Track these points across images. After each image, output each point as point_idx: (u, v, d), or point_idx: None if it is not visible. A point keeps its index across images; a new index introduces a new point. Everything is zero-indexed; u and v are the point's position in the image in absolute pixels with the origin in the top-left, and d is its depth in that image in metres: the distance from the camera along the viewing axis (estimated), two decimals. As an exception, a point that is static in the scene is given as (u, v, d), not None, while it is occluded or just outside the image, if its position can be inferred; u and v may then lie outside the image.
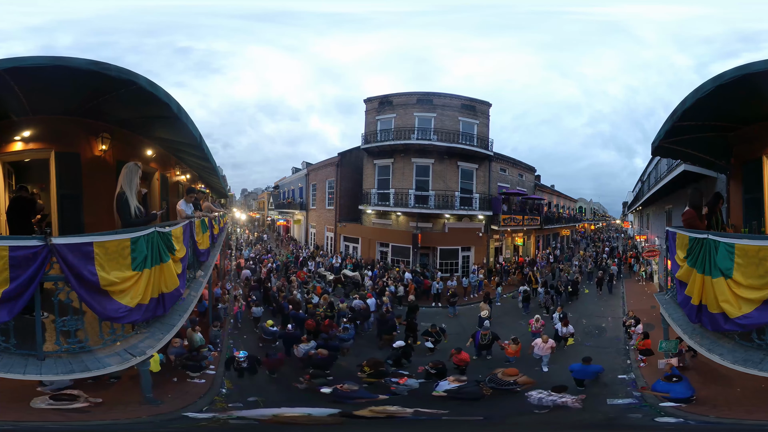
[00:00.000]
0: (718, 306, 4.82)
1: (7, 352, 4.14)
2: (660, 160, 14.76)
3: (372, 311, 12.88)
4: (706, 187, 9.25)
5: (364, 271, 18.06)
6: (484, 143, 20.46)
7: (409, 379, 8.18)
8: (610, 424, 6.21)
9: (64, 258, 4.17)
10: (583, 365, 8.24)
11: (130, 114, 6.77)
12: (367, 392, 7.61)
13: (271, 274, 17.78)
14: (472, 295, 17.35)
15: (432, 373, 8.65)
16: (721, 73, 5.07)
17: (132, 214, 5.08)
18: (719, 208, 6.53)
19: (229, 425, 5.96)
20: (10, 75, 4.70)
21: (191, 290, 6.67)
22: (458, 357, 9.13)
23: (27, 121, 6.25)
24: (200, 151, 8.29)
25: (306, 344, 9.46)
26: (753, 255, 4.54)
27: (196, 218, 7.67)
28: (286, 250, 26.07)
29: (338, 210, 22.71)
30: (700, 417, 5.57)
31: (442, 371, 8.68)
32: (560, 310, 12.48)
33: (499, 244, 21.63)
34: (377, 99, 21.05)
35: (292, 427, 5.96)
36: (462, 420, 6.53)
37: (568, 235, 32.03)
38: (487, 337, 10.61)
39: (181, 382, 6.93)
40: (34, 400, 4.90)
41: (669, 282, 7.21)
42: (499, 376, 7.94)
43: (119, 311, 4.52)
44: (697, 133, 7.01)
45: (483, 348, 10.56)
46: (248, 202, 51.99)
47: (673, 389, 6.31)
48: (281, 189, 35.50)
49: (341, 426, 6.17)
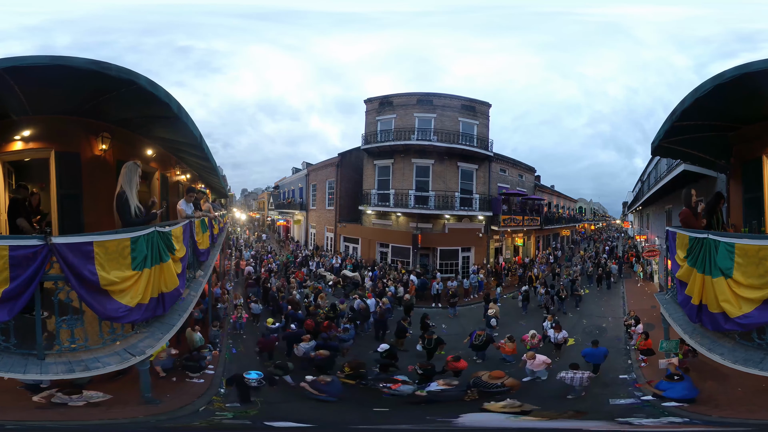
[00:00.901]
0: (719, 306, 4.82)
1: (8, 351, 4.14)
2: (660, 160, 14.78)
3: (372, 311, 12.88)
4: (707, 186, 9.25)
5: (364, 271, 18.07)
6: (484, 144, 20.47)
7: (403, 386, 7.93)
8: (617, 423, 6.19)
9: (64, 257, 4.16)
10: (593, 348, 9.05)
11: (130, 113, 6.77)
12: (339, 388, 7.46)
13: (271, 275, 17.80)
14: (472, 296, 17.36)
15: (419, 373, 8.48)
16: (721, 72, 5.08)
17: (132, 213, 5.08)
18: (720, 208, 6.52)
19: (222, 425, 5.95)
20: (10, 74, 4.69)
21: (191, 290, 6.68)
22: (454, 365, 8.78)
23: (27, 121, 6.24)
24: (200, 151, 8.29)
25: (306, 343, 9.46)
26: (753, 255, 4.54)
27: (196, 218, 7.67)
28: (286, 251, 26.08)
29: (338, 210, 22.71)
30: (704, 417, 5.57)
31: (431, 372, 8.52)
32: (551, 319, 11.77)
33: (499, 245, 21.63)
34: (377, 99, 21.06)
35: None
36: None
37: (568, 236, 32.04)
38: (481, 338, 10.37)
39: (180, 381, 6.93)
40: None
41: (669, 282, 7.21)
42: (484, 378, 7.74)
43: (119, 311, 4.52)
44: (696, 132, 7.02)
45: (476, 348, 10.33)
46: (248, 202, 52.02)
47: (673, 388, 6.30)
48: (281, 189, 35.52)
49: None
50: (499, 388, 7.56)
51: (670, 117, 6.12)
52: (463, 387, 7.81)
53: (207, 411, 6.12)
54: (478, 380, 7.77)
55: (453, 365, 8.78)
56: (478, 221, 20.07)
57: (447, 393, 7.58)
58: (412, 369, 8.78)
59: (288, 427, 5.85)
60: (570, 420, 6.63)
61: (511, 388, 7.61)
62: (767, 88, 5.21)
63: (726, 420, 5.35)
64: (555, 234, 28.74)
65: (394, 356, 9.37)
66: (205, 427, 5.70)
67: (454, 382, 8.03)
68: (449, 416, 6.70)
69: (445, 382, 7.98)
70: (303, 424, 6.01)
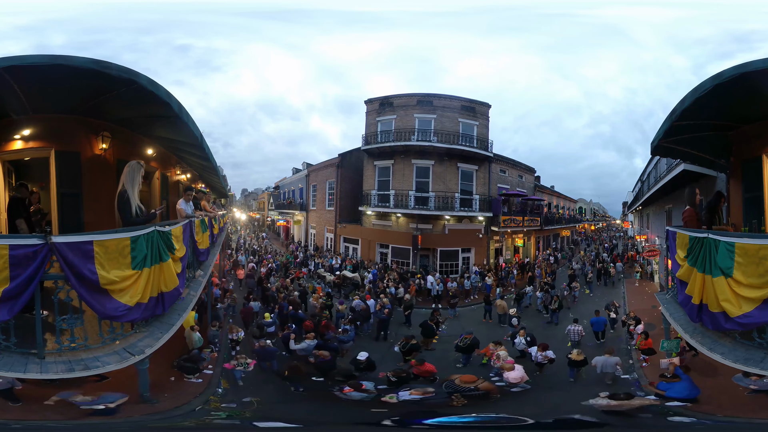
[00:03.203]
0: (719, 305, 4.81)
1: (8, 350, 4.13)
2: (659, 160, 14.77)
3: (372, 312, 12.87)
4: (706, 186, 9.24)
5: (363, 272, 18.06)
6: (483, 144, 20.49)
7: (355, 391, 7.58)
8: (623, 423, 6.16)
9: (64, 257, 4.16)
10: (596, 317, 12.10)
11: (130, 113, 6.77)
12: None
13: (271, 275, 17.80)
14: (473, 296, 17.35)
15: (392, 380, 8.10)
16: (720, 72, 5.08)
17: (133, 212, 5.07)
18: (720, 207, 6.52)
19: (212, 425, 5.93)
20: (10, 74, 4.69)
21: (191, 289, 6.67)
22: (420, 369, 8.36)
23: (27, 120, 6.24)
24: (201, 151, 8.29)
25: (305, 342, 9.49)
26: (753, 254, 4.52)
27: (196, 218, 7.67)
28: (286, 251, 26.07)
29: (338, 211, 22.72)
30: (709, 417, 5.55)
31: (404, 380, 8.16)
32: (523, 334, 10.42)
33: (499, 246, 21.62)
34: (378, 100, 21.08)
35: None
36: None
37: (568, 236, 32.03)
38: (466, 341, 10.00)
39: (178, 381, 6.92)
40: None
41: (670, 281, 7.21)
42: (456, 382, 7.50)
43: (119, 310, 4.51)
44: (696, 132, 7.01)
45: (461, 351, 10.01)
46: (248, 202, 52.03)
47: (673, 388, 6.29)
48: (281, 189, 35.53)
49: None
50: (473, 391, 7.28)
51: (669, 116, 6.12)
52: (444, 393, 7.41)
53: (203, 411, 6.11)
54: (450, 384, 7.56)
55: (419, 369, 8.44)
56: (478, 222, 20.07)
57: (427, 401, 7.21)
58: (384, 375, 8.37)
59: (276, 428, 5.83)
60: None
61: (487, 392, 7.34)
62: (767, 88, 5.21)
63: (733, 420, 5.33)
64: (555, 234, 28.73)
65: (371, 366, 8.90)
66: (193, 426, 5.67)
67: (429, 390, 7.60)
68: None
69: (419, 390, 7.55)
70: (291, 425, 5.99)
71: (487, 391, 7.40)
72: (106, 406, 4.92)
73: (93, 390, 5.01)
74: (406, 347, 9.85)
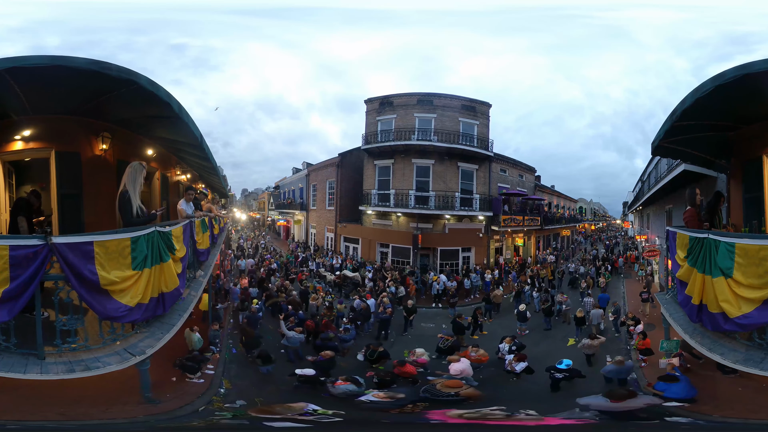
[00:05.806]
0: (718, 306, 4.81)
1: (8, 351, 4.13)
2: (660, 160, 14.75)
3: (372, 312, 12.87)
4: (707, 186, 9.24)
5: (364, 271, 18.06)
6: (484, 144, 20.48)
7: (343, 384, 7.47)
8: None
9: (65, 257, 4.16)
10: (602, 294, 14.26)
11: (130, 113, 6.77)
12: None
13: (271, 275, 17.78)
14: (473, 296, 17.36)
15: (375, 382, 7.97)
16: (721, 72, 5.07)
17: (134, 213, 5.08)
18: (720, 207, 6.52)
19: (221, 425, 5.94)
20: (10, 75, 4.70)
21: (191, 290, 6.68)
22: (401, 369, 8.15)
23: (27, 121, 6.24)
24: (201, 151, 8.29)
25: (297, 334, 9.75)
26: (753, 254, 4.52)
27: (197, 218, 7.67)
28: (286, 251, 26.07)
29: (338, 210, 22.72)
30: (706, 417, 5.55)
31: (388, 383, 7.94)
32: (509, 341, 10.00)
33: (499, 245, 21.63)
34: (378, 99, 21.07)
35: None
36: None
37: (568, 236, 32.02)
38: (447, 343, 9.88)
39: (180, 381, 6.92)
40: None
41: (669, 282, 7.21)
42: (438, 387, 7.22)
43: (119, 310, 4.52)
44: (697, 132, 7.01)
45: (442, 353, 9.80)
46: (248, 202, 52.05)
47: (671, 388, 6.29)
48: (282, 189, 35.54)
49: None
50: (452, 397, 6.99)
51: (670, 117, 6.12)
52: (407, 399, 7.04)
53: (206, 411, 6.11)
54: (430, 388, 7.30)
55: (400, 370, 8.28)
56: (478, 221, 20.07)
57: (380, 405, 6.88)
58: (371, 375, 8.31)
59: (286, 428, 5.83)
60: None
61: (468, 398, 7.03)
62: (767, 89, 5.21)
63: (728, 420, 5.33)
64: (555, 234, 28.73)
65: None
66: (203, 427, 5.68)
67: (398, 395, 7.22)
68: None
69: (385, 394, 7.25)
70: (301, 424, 6.00)
71: (469, 397, 7.09)
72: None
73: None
74: (374, 355, 9.51)
